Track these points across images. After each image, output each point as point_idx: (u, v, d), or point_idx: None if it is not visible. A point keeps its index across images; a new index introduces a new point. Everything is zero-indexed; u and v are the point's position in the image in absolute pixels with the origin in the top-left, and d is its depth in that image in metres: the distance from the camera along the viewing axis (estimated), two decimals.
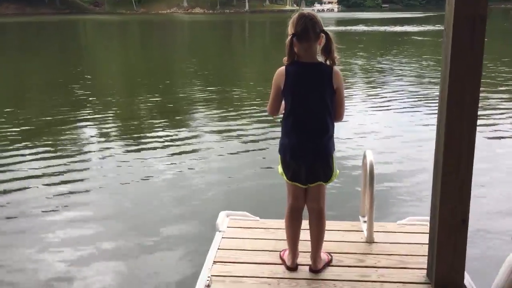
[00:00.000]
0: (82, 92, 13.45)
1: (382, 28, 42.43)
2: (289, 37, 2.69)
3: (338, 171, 2.94)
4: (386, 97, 12.23)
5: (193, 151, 7.78)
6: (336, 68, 2.74)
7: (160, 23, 60.51)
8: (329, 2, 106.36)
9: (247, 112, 10.61)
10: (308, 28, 2.65)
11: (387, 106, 11.18)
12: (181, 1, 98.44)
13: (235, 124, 9.54)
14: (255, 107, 10.91)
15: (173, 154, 7.66)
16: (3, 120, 10.20)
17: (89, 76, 16.85)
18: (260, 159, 7.29)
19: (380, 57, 21.15)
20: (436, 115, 2.79)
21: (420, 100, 11.52)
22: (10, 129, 9.30)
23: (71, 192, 6.09)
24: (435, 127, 2.80)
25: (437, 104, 2.79)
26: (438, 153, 2.77)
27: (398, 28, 41.07)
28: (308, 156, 2.80)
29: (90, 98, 12.55)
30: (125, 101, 12.72)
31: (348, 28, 42.88)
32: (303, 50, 2.70)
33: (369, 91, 13.11)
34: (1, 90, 14.32)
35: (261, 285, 2.88)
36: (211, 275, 2.93)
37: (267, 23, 57.11)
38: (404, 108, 10.87)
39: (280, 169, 2.92)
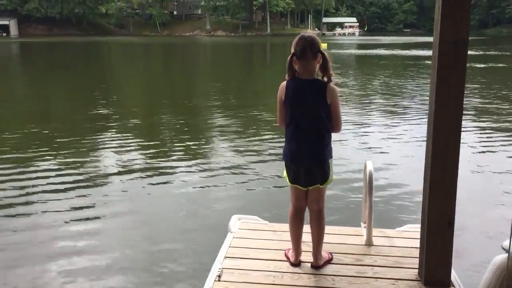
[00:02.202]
0: (105, 109, 14.07)
1: (403, 52, 42.74)
2: (289, 56, 3.07)
3: (334, 176, 3.28)
4: (394, 114, 12.98)
5: (211, 166, 8.25)
6: (331, 84, 3.10)
7: (183, 45, 61.71)
8: (350, 26, 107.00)
9: (262, 131, 11.11)
10: (306, 48, 3.02)
11: (397, 123, 11.89)
12: (204, 24, 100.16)
13: (250, 140, 10.07)
14: (268, 127, 11.39)
15: (192, 166, 8.18)
16: (26, 133, 10.79)
17: (115, 97, 17.50)
18: (273, 171, 7.77)
19: (394, 79, 21.68)
20: None
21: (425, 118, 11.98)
22: (32, 143, 9.79)
23: (87, 206, 6.37)
24: None
25: None
26: (427, 162, 3.10)
27: (417, 52, 41.31)
28: (305, 160, 3.15)
29: (112, 115, 13.14)
30: (145, 119, 13.25)
31: (368, 51, 43.30)
32: (302, 67, 3.08)
33: (380, 109, 13.65)
34: (28, 105, 15.00)
35: (266, 277, 3.21)
36: (222, 268, 3.27)
37: (287, 45, 57.77)
38: (411, 125, 11.60)
39: (284, 173, 3.28)
